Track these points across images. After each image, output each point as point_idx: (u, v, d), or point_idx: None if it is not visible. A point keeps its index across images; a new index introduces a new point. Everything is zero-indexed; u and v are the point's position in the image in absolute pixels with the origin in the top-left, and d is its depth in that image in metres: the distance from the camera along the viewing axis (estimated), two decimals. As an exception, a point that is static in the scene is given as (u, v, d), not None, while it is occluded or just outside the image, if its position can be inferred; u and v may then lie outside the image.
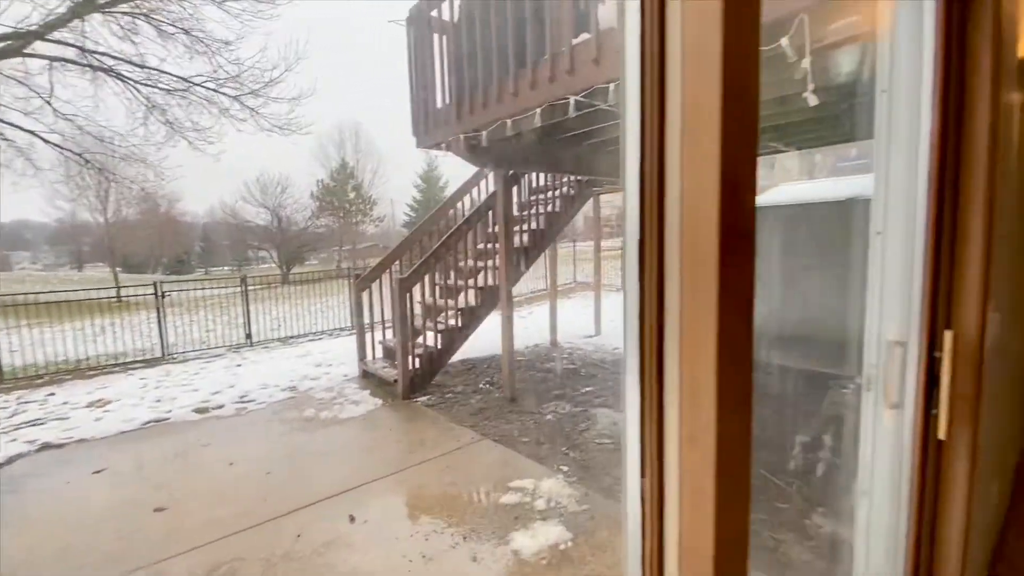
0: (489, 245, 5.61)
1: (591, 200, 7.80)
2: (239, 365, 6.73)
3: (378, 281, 5.77)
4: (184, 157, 9.67)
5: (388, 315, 5.52)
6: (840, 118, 3.01)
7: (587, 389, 5.06)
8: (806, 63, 1.81)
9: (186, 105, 8.67)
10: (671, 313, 0.50)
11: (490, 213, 5.54)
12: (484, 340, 5.98)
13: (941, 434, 1.09)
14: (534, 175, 6.26)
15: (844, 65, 1.67)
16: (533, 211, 6.06)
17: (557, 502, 2.85)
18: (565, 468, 3.31)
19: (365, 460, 3.68)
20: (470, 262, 5.59)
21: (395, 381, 5.02)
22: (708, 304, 0.46)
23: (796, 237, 5.23)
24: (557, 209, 6.17)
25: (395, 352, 5.03)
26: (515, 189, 5.90)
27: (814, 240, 4.87)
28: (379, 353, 5.81)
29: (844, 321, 2.23)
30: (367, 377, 5.65)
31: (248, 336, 8.18)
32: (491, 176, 5.55)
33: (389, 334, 5.61)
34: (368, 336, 5.79)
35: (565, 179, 6.27)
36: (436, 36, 4.17)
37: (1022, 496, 2.48)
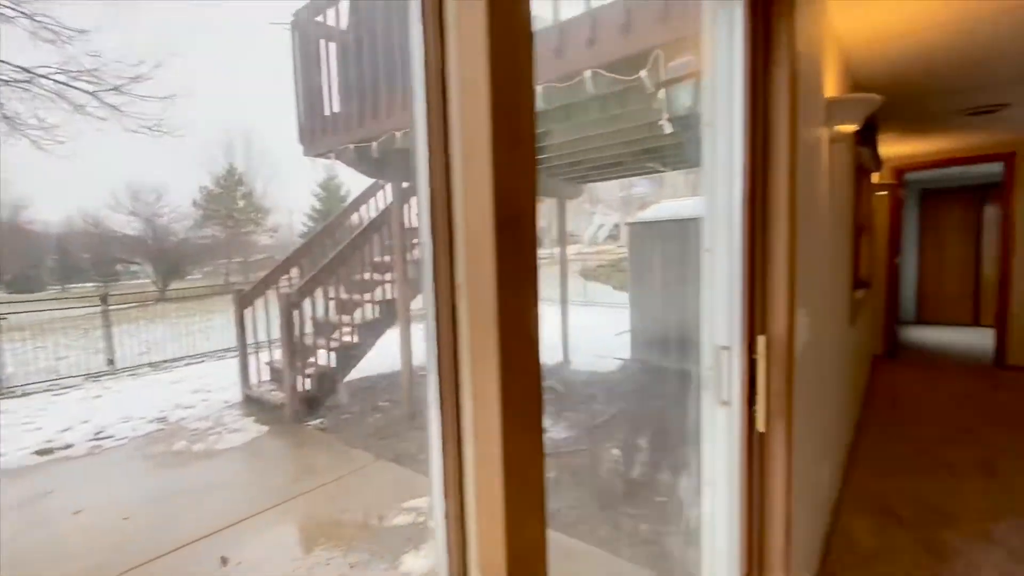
0: (387, 258, 5.47)
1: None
2: (97, 396, 5.88)
3: (264, 297, 5.37)
4: (27, 158, 8.33)
5: (277, 333, 5.14)
6: (688, 145, 3.35)
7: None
8: (662, 94, 1.99)
9: (29, 99, 7.49)
10: (463, 336, 0.52)
11: (386, 225, 5.41)
12: (386, 356, 5.78)
13: (760, 427, 1.24)
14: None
15: (686, 98, 1.87)
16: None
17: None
18: (462, 482, 3.28)
19: (245, 493, 3.37)
20: (367, 275, 5.40)
21: (283, 404, 4.67)
22: (489, 329, 0.48)
23: (669, 249, 5.72)
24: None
25: (283, 373, 4.70)
26: (414, 200, 5.82)
27: (681, 252, 5.36)
28: (266, 375, 5.38)
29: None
30: (251, 402, 5.20)
31: (111, 362, 7.19)
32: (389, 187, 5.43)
33: (279, 354, 5.23)
34: (254, 357, 5.34)
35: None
36: (323, 42, 4.01)
37: (853, 475, 2.90)
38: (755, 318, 1.25)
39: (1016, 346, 4.95)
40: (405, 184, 4.99)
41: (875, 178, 4.83)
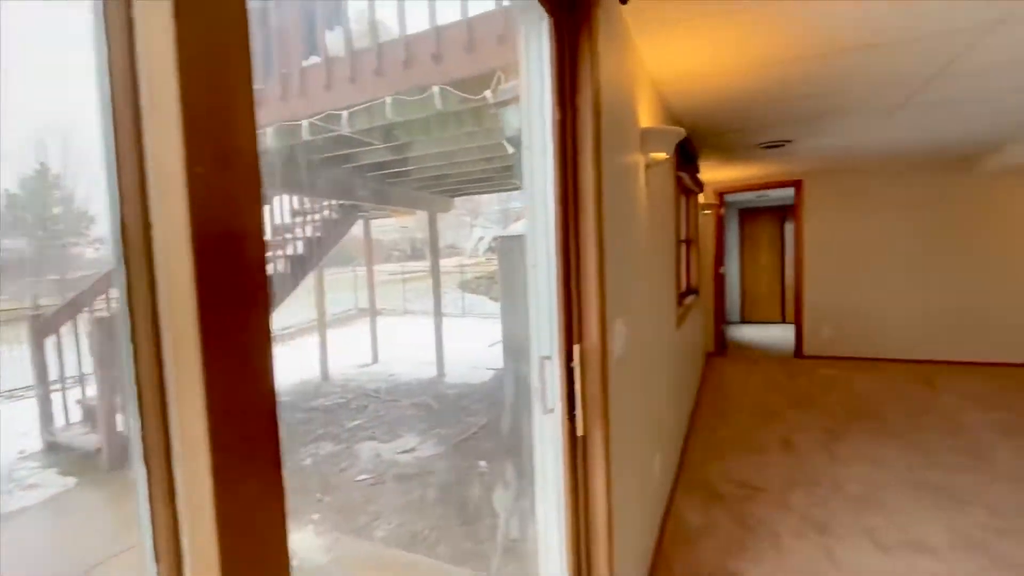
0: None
1: (365, 224, 7.67)
2: None
3: (74, 321, 4.51)
4: None
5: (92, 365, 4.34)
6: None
7: (355, 423, 4.82)
8: (502, 114, 2.07)
9: None
10: (169, 373, 0.45)
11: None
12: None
13: (580, 432, 1.31)
14: (298, 196, 5.80)
15: (515, 120, 1.98)
16: (292, 235, 5.59)
17: (301, 557, 2.58)
18: (316, 516, 3.04)
19: (37, 561, 2.76)
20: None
21: (98, 449, 3.94)
22: (190, 362, 0.43)
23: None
24: (320, 233, 5.82)
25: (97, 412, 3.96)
26: (266, 212, 5.36)
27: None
28: (78, 415, 4.50)
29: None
30: (56, 450, 4.31)
31: None
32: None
33: (94, 389, 4.40)
34: (60, 395, 4.44)
35: (327, 202, 5.98)
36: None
37: (686, 460, 3.24)
38: (572, 329, 1.34)
39: (809, 339, 6.03)
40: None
41: (700, 199, 5.57)
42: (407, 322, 11.73)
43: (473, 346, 7.92)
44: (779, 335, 7.43)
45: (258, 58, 3.02)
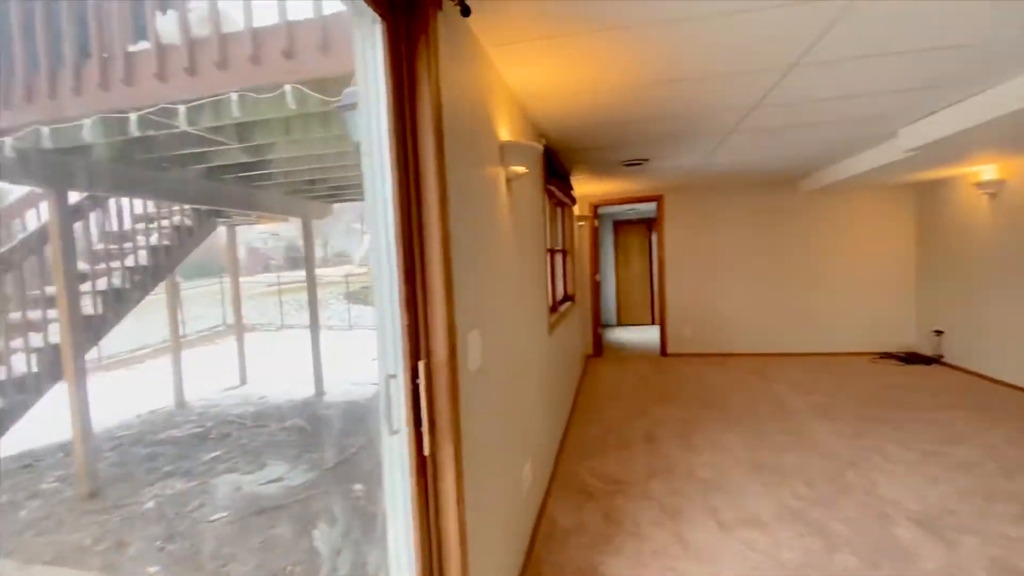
0: (49, 290, 4.15)
1: (229, 232, 6.93)
2: None
3: None
4: None
5: None
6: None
7: (214, 455, 4.29)
8: (349, 119, 1.98)
9: None
10: None
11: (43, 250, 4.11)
12: (57, 421, 4.35)
13: (427, 451, 1.27)
14: (140, 200, 5.04)
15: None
16: (133, 244, 4.86)
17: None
18: (155, 569, 2.64)
19: None
20: (17, 314, 3.99)
21: None
22: None
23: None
24: (169, 242, 5.14)
25: None
26: (95, 216, 4.60)
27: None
28: None
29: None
30: None
31: None
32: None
33: None
34: None
35: (179, 207, 5.31)
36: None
37: (561, 461, 3.35)
38: (419, 345, 1.29)
39: (672, 338, 6.65)
40: (78, 195, 3.91)
41: (575, 211, 5.90)
42: (284, 337, 10.85)
43: (358, 361, 7.53)
44: (650, 336, 8.09)
45: (76, 35, 2.57)
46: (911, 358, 5.65)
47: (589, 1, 1.57)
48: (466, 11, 1.42)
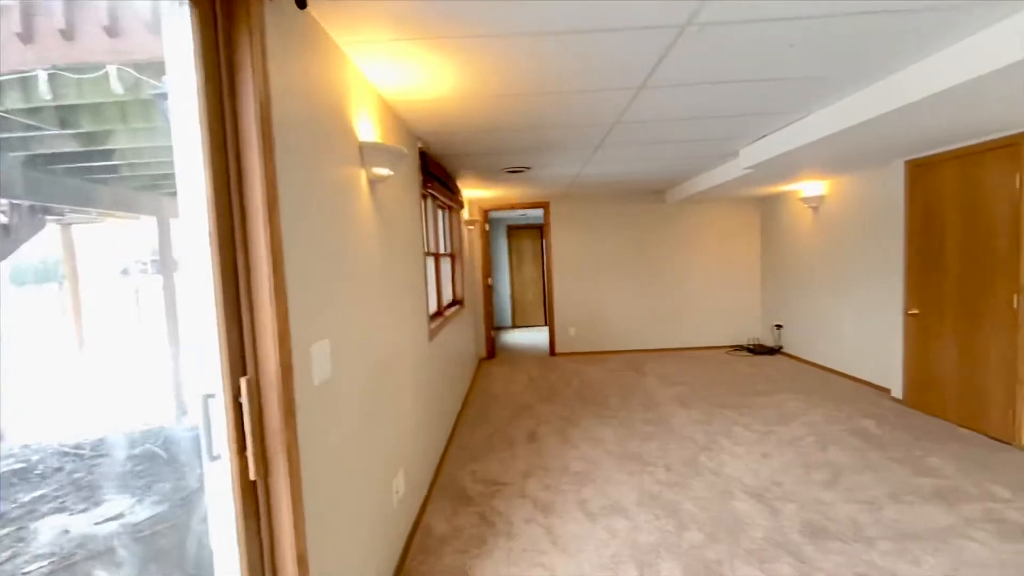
0: None
1: (64, 232, 5.93)
2: None
3: None
4: None
5: None
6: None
7: (38, 493, 3.64)
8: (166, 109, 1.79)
9: None
10: None
11: None
12: None
13: (253, 475, 1.17)
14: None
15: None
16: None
17: None
18: (-66, 644, 2.16)
19: None
20: None
21: None
22: None
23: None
24: (-27, 243, 4.28)
25: None
26: None
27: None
28: None
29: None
30: None
31: None
32: None
33: None
34: None
35: (-11, 201, 4.44)
36: None
37: (443, 467, 3.32)
38: (244, 359, 1.19)
39: (559, 338, 6.93)
40: None
41: (465, 215, 5.92)
42: (141, 350, 9.55)
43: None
44: (542, 338, 8.36)
45: None
46: (758, 349, 6.46)
47: (441, 4, 1.56)
48: (301, 3, 1.35)
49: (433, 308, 3.95)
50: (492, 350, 6.93)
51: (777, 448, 3.40)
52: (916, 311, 3.99)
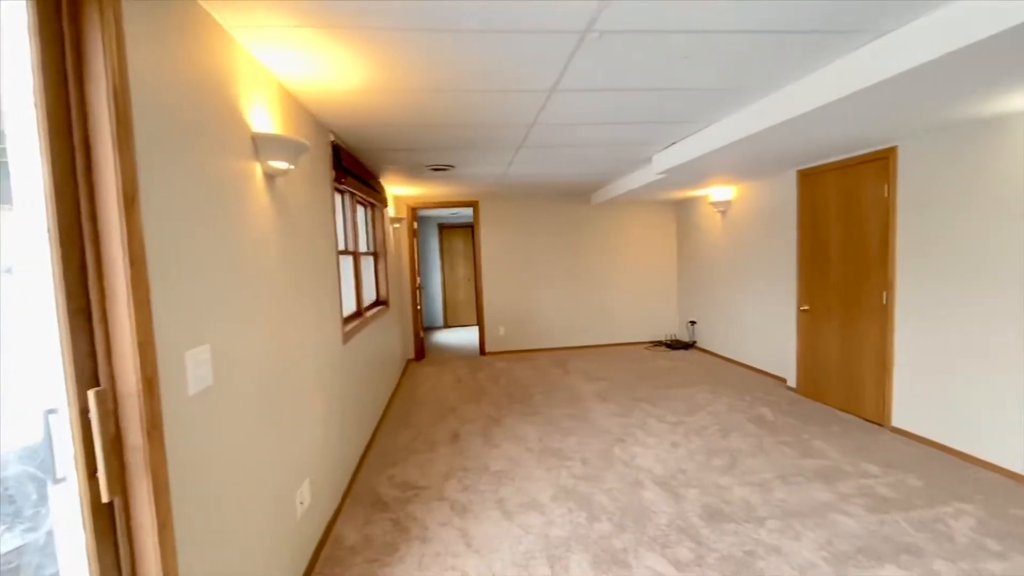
0: None
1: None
2: None
3: None
4: None
5: None
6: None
7: None
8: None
9: None
10: None
11: None
12: None
13: (106, 496, 1.06)
14: None
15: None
16: None
17: None
18: None
19: None
20: None
21: None
22: None
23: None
24: None
25: None
26: None
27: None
28: None
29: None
30: None
31: None
32: None
33: None
34: None
35: None
36: None
37: (359, 474, 3.20)
38: (95, 369, 1.08)
39: (489, 338, 6.95)
40: None
41: (391, 213, 5.78)
42: None
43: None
44: (473, 337, 8.35)
45: None
46: (674, 344, 6.83)
47: (333, -4, 1.50)
48: (169, -20, 1.24)
49: (351, 309, 3.81)
50: (421, 351, 6.82)
51: (685, 437, 3.60)
52: (807, 307, 4.39)
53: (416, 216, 6.87)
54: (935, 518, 2.45)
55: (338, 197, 3.65)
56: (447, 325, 9.83)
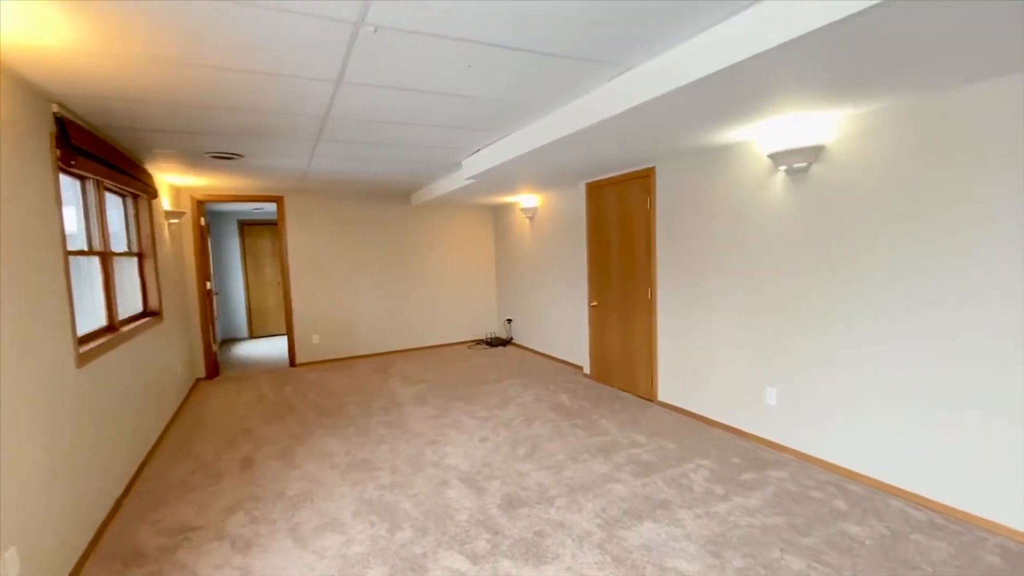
0: None
1: None
2: None
3: None
4: None
5: None
6: None
7: None
8: None
9: None
10: None
11: None
12: None
13: None
14: None
15: None
16: None
17: None
18: None
19: None
20: None
21: None
22: None
23: None
24: None
25: None
26: None
27: None
28: None
29: None
30: None
31: None
32: None
33: None
34: None
35: None
36: None
37: (111, 523, 2.59)
38: None
39: (301, 347, 6.37)
40: None
41: (168, 206, 4.88)
42: None
43: None
44: (283, 347, 7.56)
45: None
46: (494, 342, 7.16)
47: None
48: None
49: (99, 323, 3.10)
50: (214, 367, 5.91)
51: (494, 431, 3.77)
52: (596, 303, 4.99)
53: (204, 211, 5.93)
54: (681, 474, 2.97)
55: (72, 183, 2.93)
56: (253, 336, 8.74)
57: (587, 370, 5.24)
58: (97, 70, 2.11)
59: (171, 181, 5.07)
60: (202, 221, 5.81)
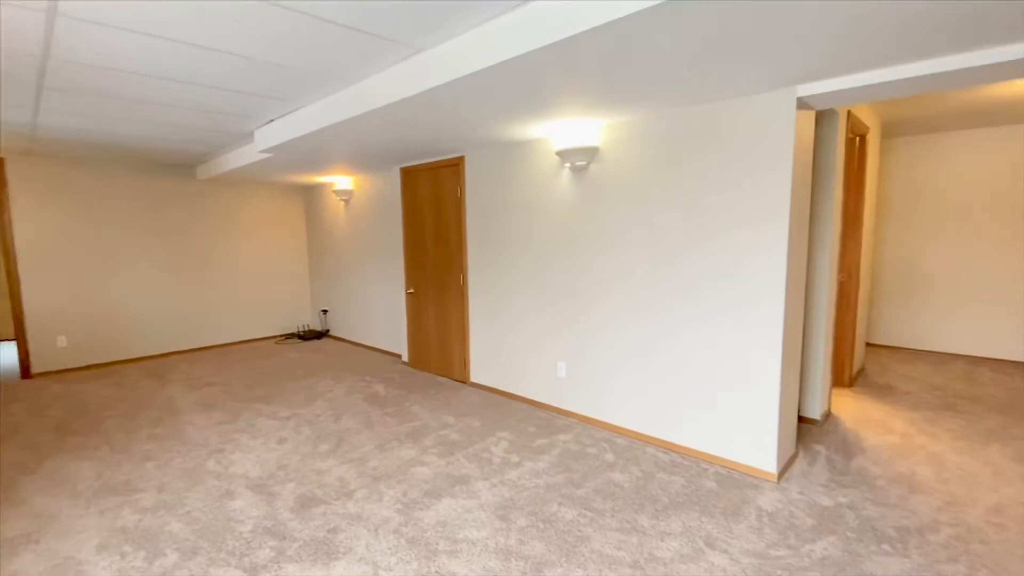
0: None
1: None
2: None
3: None
4: None
5: None
6: None
7: None
8: None
9: None
10: None
11: None
12: None
13: None
14: None
15: None
16: None
17: None
18: None
19: None
20: None
21: None
22: None
23: None
24: None
25: None
26: None
27: None
28: None
29: None
30: None
31: None
32: None
33: None
34: None
35: None
36: None
37: None
38: None
39: (39, 354, 5.02)
40: None
41: None
42: None
43: None
44: (9, 355, 5.88)
45: None
46: (307, 335, 6.62)
47: None
48: None
49: None
50: None
51: (295, 431, 3.48)
52: (412, 290, 4.95)
53: None
54: (483, 449, 3.14)
55: None
56: (-34, 342, 6.61)
57: (406, 358, 5.18)
58: None
59: None
60: None
